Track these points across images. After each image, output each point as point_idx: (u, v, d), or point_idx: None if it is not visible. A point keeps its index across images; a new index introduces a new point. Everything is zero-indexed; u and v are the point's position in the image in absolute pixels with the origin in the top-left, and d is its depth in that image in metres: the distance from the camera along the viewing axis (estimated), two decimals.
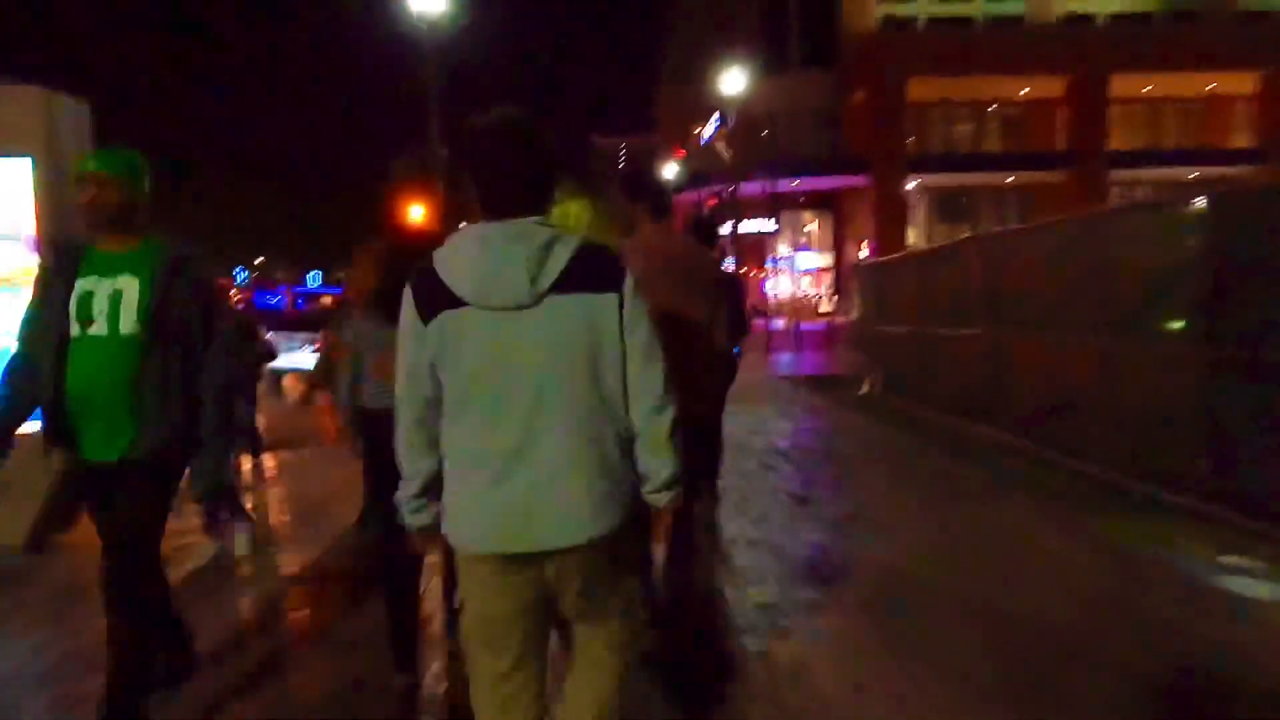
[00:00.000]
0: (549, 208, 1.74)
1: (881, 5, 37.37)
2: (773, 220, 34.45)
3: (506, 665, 1.71)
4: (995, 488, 5.56)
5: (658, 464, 1.72)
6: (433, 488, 1.74)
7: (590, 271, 1.65)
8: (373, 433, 2.83)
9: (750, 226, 31.15)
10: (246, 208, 40.89)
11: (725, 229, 36.56)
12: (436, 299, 1.63)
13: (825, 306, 41.61)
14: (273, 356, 7.21)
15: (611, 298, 1.65)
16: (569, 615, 1.77)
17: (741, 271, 22.19)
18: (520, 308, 1.60)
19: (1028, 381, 6.69)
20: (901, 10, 38.01)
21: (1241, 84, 36.53)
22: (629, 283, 1.68)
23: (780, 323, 29.90)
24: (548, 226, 1.66)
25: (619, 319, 1.66)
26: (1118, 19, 36.48)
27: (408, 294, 1.67)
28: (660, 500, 1.76)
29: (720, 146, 20.04)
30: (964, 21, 36.63)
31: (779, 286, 37.09)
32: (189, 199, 38.20)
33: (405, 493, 1.76)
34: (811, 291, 41.60)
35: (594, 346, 1.64)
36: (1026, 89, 37.57)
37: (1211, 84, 37.09)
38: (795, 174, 35.17)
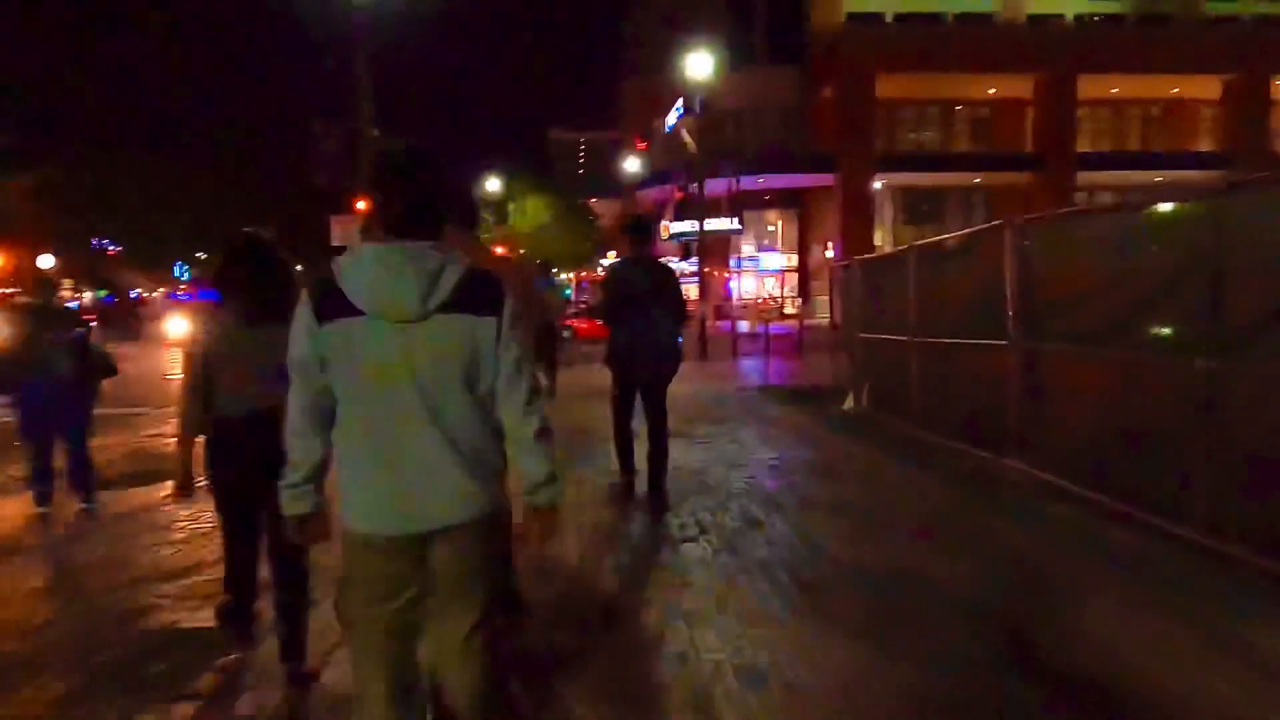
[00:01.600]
0: (442, 233, 1.93)
1: (849, 1, 36.34)
2: (736, 219, 33.22)
3: (392, 651, 1.89)
4: (1080, 565, 4.11)
5: (530, 464, 1.97)
6: (315, 476, 1.93)
7: (474, 295, 1.88)
8: (228, 440, 2.83)
9: (713, 225, 29.80)
10: (187, 200, 38.56)
11: (687, 227, 35.29)
12: (335, 306, 1.82)
13: (790, 309, 40.57)
14: (110, 371, 5.65)
15: (491, 321, 1.89)
16: (445, 591, 1.92)
17: (706, 272, 20.85)
18: (410, 320, 1.81)
19: (1076, 408, 5.32)
20: (869, 6, 37.03)
21: (1205, 89, 36.36)
22: (508, 307, 1.91)
23: (745, 325, 28.62)
24: (439, 252, 1.86)
25: (496, 338, 1.89)
26: (1086, 20, 35.96)
27: (307, 298, 1.86)
28: (537, 499, 1.99)
29: (684, 135, 18.58)
30: (933, 18, 35.78)
31: (743, 287, 35.81)
32: (127, 191, 35.64)
33: (289, 479, 1.92)
34: (776, 292, 40.46)
35: (472, 359, 1.87)
36: (994, 89, 36.95)
37: (1175, 88, 36.88)
38: (760, 171, 33.98)
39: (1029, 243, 5.73)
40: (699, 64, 18.59)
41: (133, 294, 47.85)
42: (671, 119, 18.13)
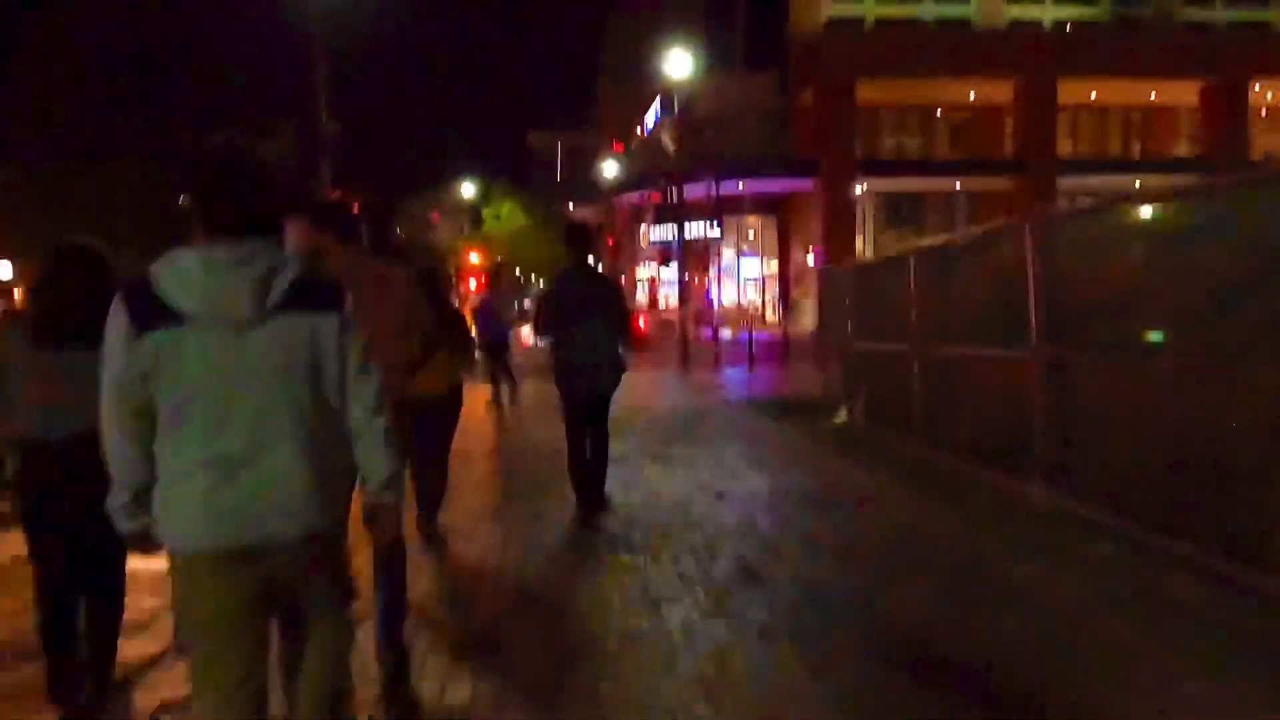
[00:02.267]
0: (275, 233, 1.93)
1: (829, 5, 35.91)
2: (716, 225, 32.59)
3: (238, 671, 1.77)
4: (1143, 625, 3.39)
5: (374, 464, 1.90)
6: (145, 494, 1.80)
7: (312, 293, 1.81)
8: (40, 468, 2.62)
9: (693, 231, 29.13)
10: (156, 197, 37.30)
11: (668, 233, 34.64)
12: (152, 315, 1.70)
13: (771, 315, 39.98)
14: None
15: (333, 318, 1.82)
16: (294, 604, 1.86)
17: (686, 279, 20.16)
18: (245, 325, 1.72)
19: (1116, 428, 4.63)
20: (849, 11, 36.61)
21: (1183, 94, 36.34)
22: (348, 303, 1.86)
23: (727, 333, 27.96)
24: (271, 250, 1.79)
25: (338, 336, 1.82)
26: (1065, 25, 35.77)
27: (120, 308, 1.73)
28: (382, 498, 1.94)
29: (664, 138, 17.91)
30: (912, 23, 35.42)
31: (723, 294, 35.16)
32: (93, 188, 34.26)
33: (117, 501, 1.82)
34: (756, 299, 39.87)
35: (315, 360, 1.80)
36: (974, 93, 36.68)
37: (1153, 92, 36.84)
38: (740, 176, 33.39)
39: (1052, 240, 5.04)
40: (678, 64, 17.93)
41: None
42: (650, 120, 17.45)
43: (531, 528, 5.05)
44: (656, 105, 16.80)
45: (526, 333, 17.71)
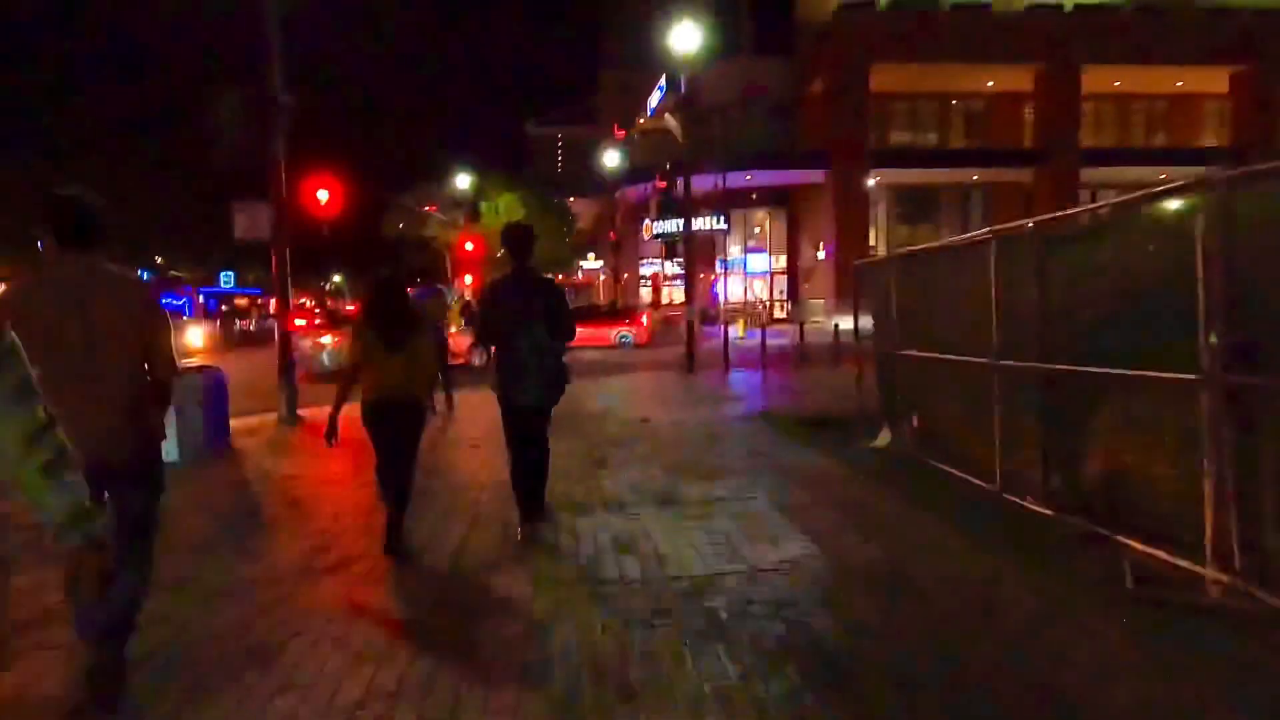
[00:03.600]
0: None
1: None
2: (722, 218, 31.00)
3: None
4: None
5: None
6: None
7: None
8: None
9: (698, 224, 27.52)
10: (140, 199, 35.87)
11: (670, 226, 33.01)
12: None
13: (779, 312, 38.39)
14: None
15: None
16: None
17: (692, 274, 18.60)
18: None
19: None
20: None
21: (1211, 81, 34.66)
22: None
23: (735, 331, 26.40)
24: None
25: None
26: (1086, 9, 34.03)
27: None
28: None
29: (669, 121, 16.36)
30: (927, 7, 33.73)
31: (729, 291, 33.52)
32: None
33: None
34: (764, 296, 38.27)
35: None
36: (992, 81, 35.03)
37: (1179, 81, 35.16)
38: (747, 168, 31.79)
39: (1243, 211, 3.46)
40: (683, 39, 16.35)
41: None
42: (654, 101, 15.87)
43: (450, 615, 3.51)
44: (662, 83, 15.16)
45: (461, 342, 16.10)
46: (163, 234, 39.05)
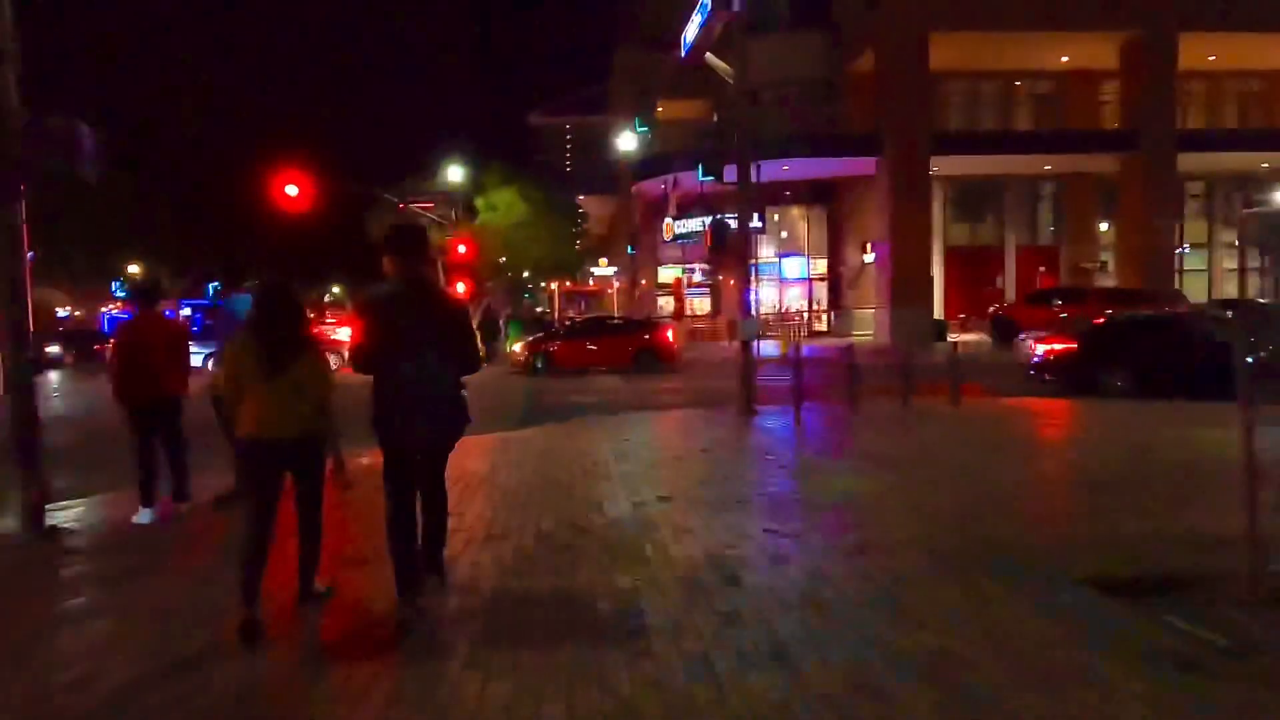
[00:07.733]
0: None
1: None
2: (756, 216, 26.49)
3: None
4: None
5: None
6: None
7: None
8: None
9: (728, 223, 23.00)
10: (123, 208, 32.08)
11: (695, 225, 28.50)
12: None
13: (818, 324, 33.74)
14: None
15: None
16: None
17: (723, 280, 14.28)
18: None
19: None
20: None
21: None
22: None
23: (774, 348, 21.77)
24: None
25: None
26: None
27: None
28: None
29: (712, 59, 11.81)
30: None
31: (763, 300, 28.92)
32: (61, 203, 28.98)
33: None
34: (801, 305, 33.65)
35: None
36: (1066, 56, 30.26)
37: None
38: (787, 155, 27.23)
39: None
40: None
41: None
42: (692, 32, 11.25)
43: None
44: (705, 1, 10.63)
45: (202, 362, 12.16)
46: None
